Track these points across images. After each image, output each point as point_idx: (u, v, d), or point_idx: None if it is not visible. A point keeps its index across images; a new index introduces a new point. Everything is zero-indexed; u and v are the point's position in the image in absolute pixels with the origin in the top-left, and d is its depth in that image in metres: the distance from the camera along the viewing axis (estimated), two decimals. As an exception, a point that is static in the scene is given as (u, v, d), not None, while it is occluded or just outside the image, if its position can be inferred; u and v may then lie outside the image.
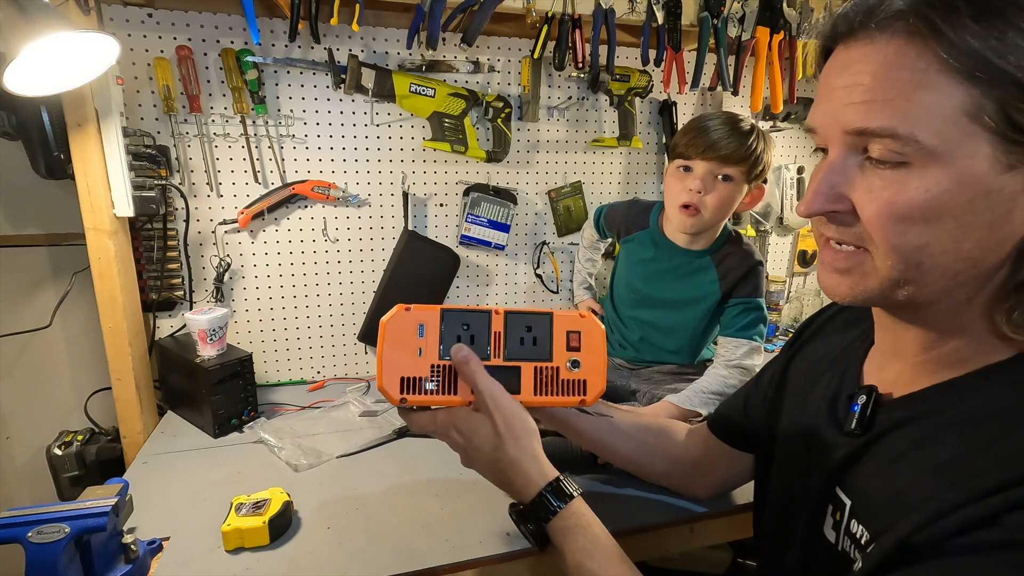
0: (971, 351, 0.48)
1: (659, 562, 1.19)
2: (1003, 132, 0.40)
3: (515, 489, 0.62)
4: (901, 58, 0.41)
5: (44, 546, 0.62)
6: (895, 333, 0.54)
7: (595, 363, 0.62)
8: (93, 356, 1.35)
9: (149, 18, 1.17)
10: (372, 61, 1.31)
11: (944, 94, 0.40)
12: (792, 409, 0.68)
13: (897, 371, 0.55)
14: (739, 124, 1.07)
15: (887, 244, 0.44)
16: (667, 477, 0.86)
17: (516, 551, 0.81)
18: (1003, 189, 0.41)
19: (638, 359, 1.31)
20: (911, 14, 0.41)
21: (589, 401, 0.62)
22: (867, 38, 0.44)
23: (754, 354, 1.16)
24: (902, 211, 0.43)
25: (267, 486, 0.88)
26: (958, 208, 0.42)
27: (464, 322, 0.61)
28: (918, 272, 0.45)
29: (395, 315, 0.60)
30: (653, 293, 1.25)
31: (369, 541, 0.83)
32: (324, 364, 1.46)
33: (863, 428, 0.53)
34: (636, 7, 1.33)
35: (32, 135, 1.07)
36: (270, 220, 1.33)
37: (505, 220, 1.47)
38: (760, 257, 1.19)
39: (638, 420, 0.86)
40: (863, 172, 0.45)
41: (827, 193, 0.47)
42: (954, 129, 0.40)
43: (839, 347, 0.65)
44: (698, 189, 1.07)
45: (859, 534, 0.51)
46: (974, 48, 0.39)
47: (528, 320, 0.62)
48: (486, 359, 0.60)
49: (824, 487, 0.56)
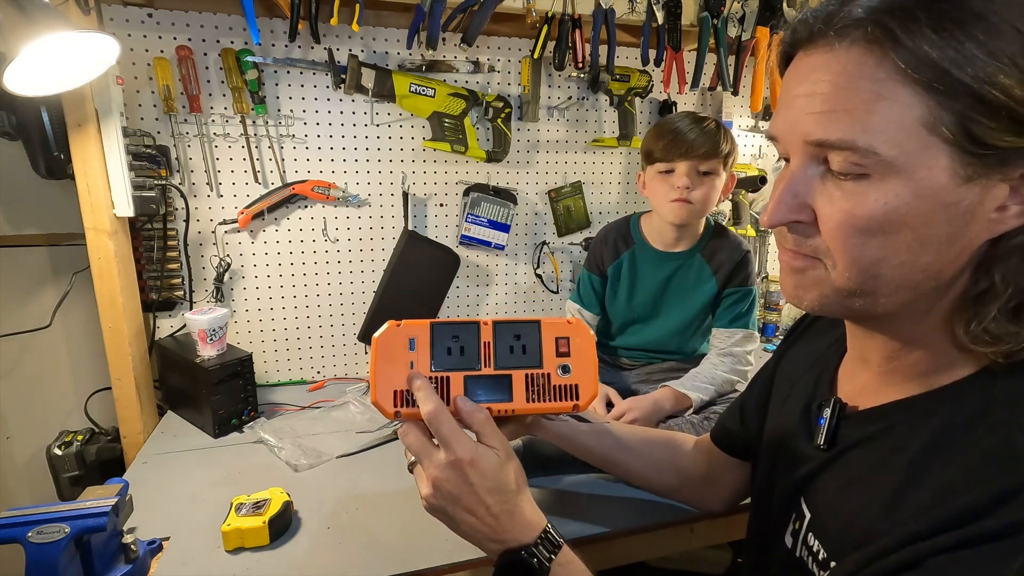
0: (933, 363, 0.48)
1: (659, 562, 1.19)
2: (961, 144, 0.39)
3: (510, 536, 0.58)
4: (860, 67, 0.41)
5: (44, 546, 0.63)
6: (862, 341, 0.54)
7: (586, 368, 0.62)
8: (93, 356, 1.35)
9: (149, 18, 1.17)
10: (372, 61, 1.31)
11: (903, 105, 0.40)
12: (774, 413, 0.69)
13: (865, 380, 0.55)
14: (705, 123, 1.13)
15: (846, 256, 0.44)
16: (678, 491, 0.84)
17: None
18: (961, 201, 0.41)
19: (636, 357, 1.32)
20: (869, 22, 0.40)
21: (582, 406, 0.62)
22: (826, 45, 0.43)
23: (746, 341, 1.20)
24: (862, 223, 0.43)
25: (267, 486, 0.88)
26: (916, 220, 0.41)
27: (453, 334, 0.61)
28: (876, 283, 0.45)
29: (386, 331, 0.61)
30: (652, 304, 1.26)
31: (369, 541, 0.83)
32: (324, 364, 1.46)
33: (828, 443, 0.54)
34: (636, 7, 1.33)
35: (32, 135, 1.07)
36: (270, 220, 1.33)
37: (505, 220, 1.47)
38: (747, 245, 1.23)
39: (645, 435, 0.85)
40: (824, 183, 0.45)
41: (790, 203, 0.46)
42: (913, 141, 0.40)
43: (819, 350, 0.66)
44: (686, 185, 1.12)
45: (816, 548, 0.52)
46: (932, 58, 0.38)
47: (516, 328, 0.62)
48: (477, 369, 0.61)
49: (790, 495, 0.57)
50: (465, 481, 0.55)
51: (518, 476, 0.58)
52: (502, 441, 0.59)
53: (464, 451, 0.55)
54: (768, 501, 0.62)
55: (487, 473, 0.56)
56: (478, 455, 0.56)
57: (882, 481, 0.47)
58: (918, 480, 0.44)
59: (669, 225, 1.18)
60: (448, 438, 0.56)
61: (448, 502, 0.57)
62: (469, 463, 0.55)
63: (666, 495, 0.86)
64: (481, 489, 0.56)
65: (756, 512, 0.68)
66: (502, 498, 0.56)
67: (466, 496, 0.56)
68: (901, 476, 0.46)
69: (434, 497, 0.57)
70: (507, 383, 0.61)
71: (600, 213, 1.61)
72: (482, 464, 0.55)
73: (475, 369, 0.61)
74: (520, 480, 0.59)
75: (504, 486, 0.56)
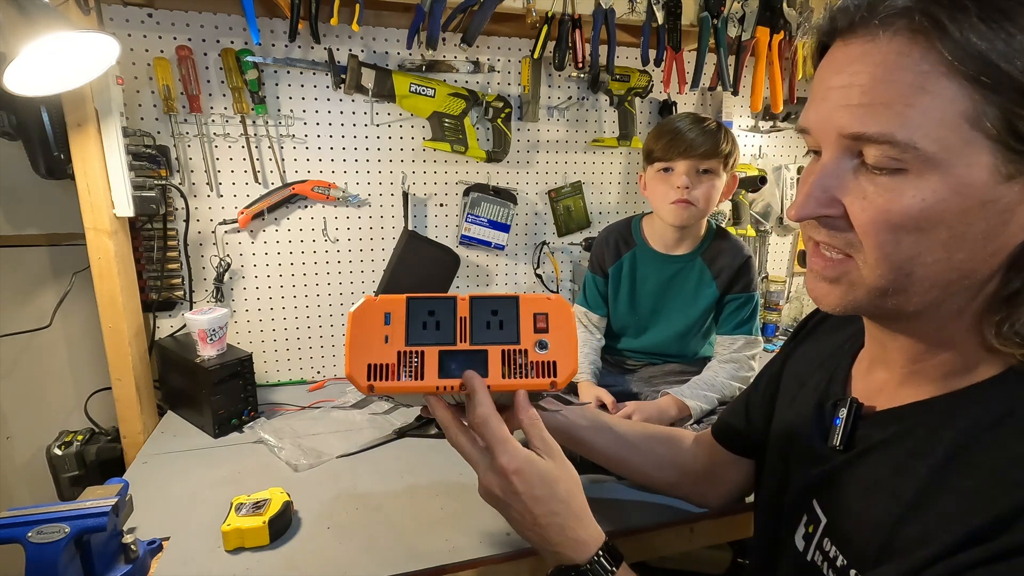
0: (959, 364, 0.47)
1: (659, 562, 1.19)
2: (1005, 140, 0.38)
3: (561, 550, 0.57)
4: (903, 58, 0.39)
5: (44, 546, 0.63)
6: (882, 342, 0.53)
7: (564, 344, 0.60)
8: (93, 356, 1.35)
9: (149, 18, 1.17)
10: (372, 61, 1.31)
11: (946, 98, 0.38)
12: (782, 410, 0.68)
13: (883, 379, 0.54)
14: (706, 123, 1.14)
15: (879, 253, 0.43)
16: (677, 487, 0.84)
17: (516, 551, 0.81)
18: (1000, 199, 0.40)
19: (638, 359, 1.31)
20: (916, 11, 0.39)
21: (560, 383, 0.60)
22: (868, 35, 0.41)
23: (749, 347, 1.19)
24: (896, 220, 0.41)
25: (267, 486, 0.88)
26: (953, 218, 0.40)
27: (429, 309, 0.61)
28: (908, 281, 0.43)
29: (362, 305, 0.60)
30: (653, 307, 1.26)
31: (369, 541, 0.83)
32: (324, 364, 1.46)
33: (845, 445, 0.53)
34: (636, 7, 1.33)
35: (32, 135, 1.07)
36: (270, 220, 1.33)
37: (505, 220, 1.47)
38: (749, 250, 1.22)
39: (645, 430, 0.84)
40: (856, 177, 0.44)
41: (819, 197, 0.45)
42: (954, 136, 0.39)
43: (830, 348, 0.65)
44: (685, 185, 1.11)
45: (833, 555, 0.51)
46: (980, 50, 0.37)
47: (494, 304, 0.61)
48: (452, 344, 0.60)
49: (802, 496, 0.56)
50: (510, 489, 0.55)
51: (570, 487, 0.57)
52: (552, 447, 0.57)
53: (508, 459, 0.54)
54: (777, 501, 0.61)
55: (532, 482, 0.54)
56: (523, 464, 0.54)
57: (904, 486, 0.46)
58: (943, 485, 0.43)
59: (670, 227, 1.18)
60: (492, 445, 0.55)
61: (499, 505, 0.57)
62: (514, 472, 0.54)
63: (665, 491, 0.86)
64: (527, 499, 0.55)
65: (764, 511, 0.67)
66: (549, 509, 0.55)
67: (514, 503, 0.56)
68: (925, 481, 0.44)
69: (486, 495, 0.57)
70: (483, 358, 0.60)
71: (600, 213, 1.61)
72: (526, 473, 0.54)
73: (450, 344, 0.60)
74: (571, 492, 0.57)
75: (550, 498, 0.55)
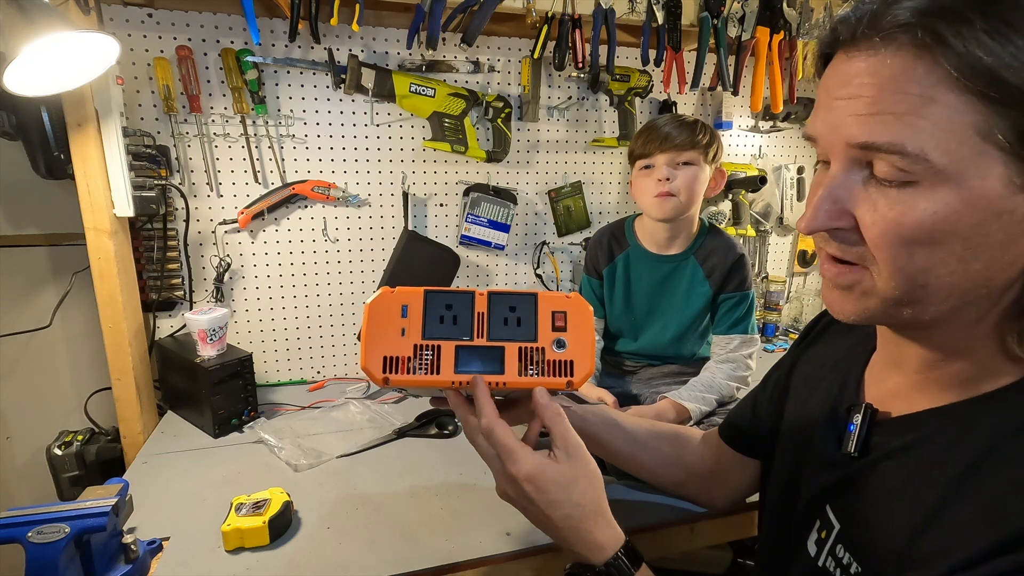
0: (976, 371, 0.46)
1: (659, 562, 1.18)
2: (1017, 152, 0.37)
3: (579, 551, 0.56)
4: (908, 73, 0.39)
5: (44, 546, 0.63)
6: (898, 347, 0.52)
7: (582, 344, 0.60)
8: (93, 356, 1.35)
9: (149, 18, 1.17)
10: (372, 61, 1.31)
11: (954, 111, 0.38)
12: (793, 413, 0.67)
13: (897, 384, 0.53)
14: (684, 118, 1.17)
15: (892, 266, 0.42)
16: (683, 486, 0.84)
17: (516, 551, 0.81)
18: (1016, 209, 0.39)
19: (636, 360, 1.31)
20: (919, 27, 0.38)
21: (577, 383, 0.60)
22: (870, 49, 0.41)
23: (745, 346, 1.19)
24: (908, 232, 0.40)
25: (267, 486, 0.88)
26: (967, 230, 0.39)
27: (447, 303, 0.60)
28: (924, 293, 0.43)
29: (379, 296, 0.60)
30: (648, 308, 1.26)
31: (369, 541, 0.83)
32: (324, 364, 1.46)
33: (860, 451, 0.52)
34: (636, 7, 1.33)
35: (32, 135, 1.07)
36: (270, 220, 1.33)
37: (505, 220, 1.47)
38: (742, 248, 1.21)
39: (652, 428, 0.83)
40: (866, 189, 0.43)
41: (829, 209, 0.44)
42: (965, 148, 0.38)
43: (841, 352, 0.64)
44: (665, 176, 1.13)
45: (847, 561, 0.50)
46: (987, 65, 0.36)
47: (512, 300, 0.61)
48: (469, 339, 0.60)
49: (814, 501, 0.56)
50: (524, 495, 0.55)
51: (586, 489, 0.56)
52: (573, 445, 0.56)
53: (520, 467, 0.54)
54: (788, 505, 0.61)
55: (545, 488, 0.54)
56: (536, 470, 0.54)
57: (922, 495, 0.45)
58: (963, 495, 0.42)
59: (660, 225, 1.18)
60: (502, 451, 0.55)
61: (517, 506, 0.57)
62: (526, 478, 0.54)
63: (671, 490, 0.86)
64: (542, 503, 0.54)
65: (772, 514, 0.66)
66: (564, 513, 0.54)
67: (530, 507, 0.55)
68: (943, 490, 0.44)
69: (503, 497, 0.58)
70: (499, 355, 0.59)
71: (600, 213, 1.61)
72: (540, 480, 0.54)
73: (467, 339, 0.59)
74: (590, 496, 0.56)
75: (565, 502, 0.54)
